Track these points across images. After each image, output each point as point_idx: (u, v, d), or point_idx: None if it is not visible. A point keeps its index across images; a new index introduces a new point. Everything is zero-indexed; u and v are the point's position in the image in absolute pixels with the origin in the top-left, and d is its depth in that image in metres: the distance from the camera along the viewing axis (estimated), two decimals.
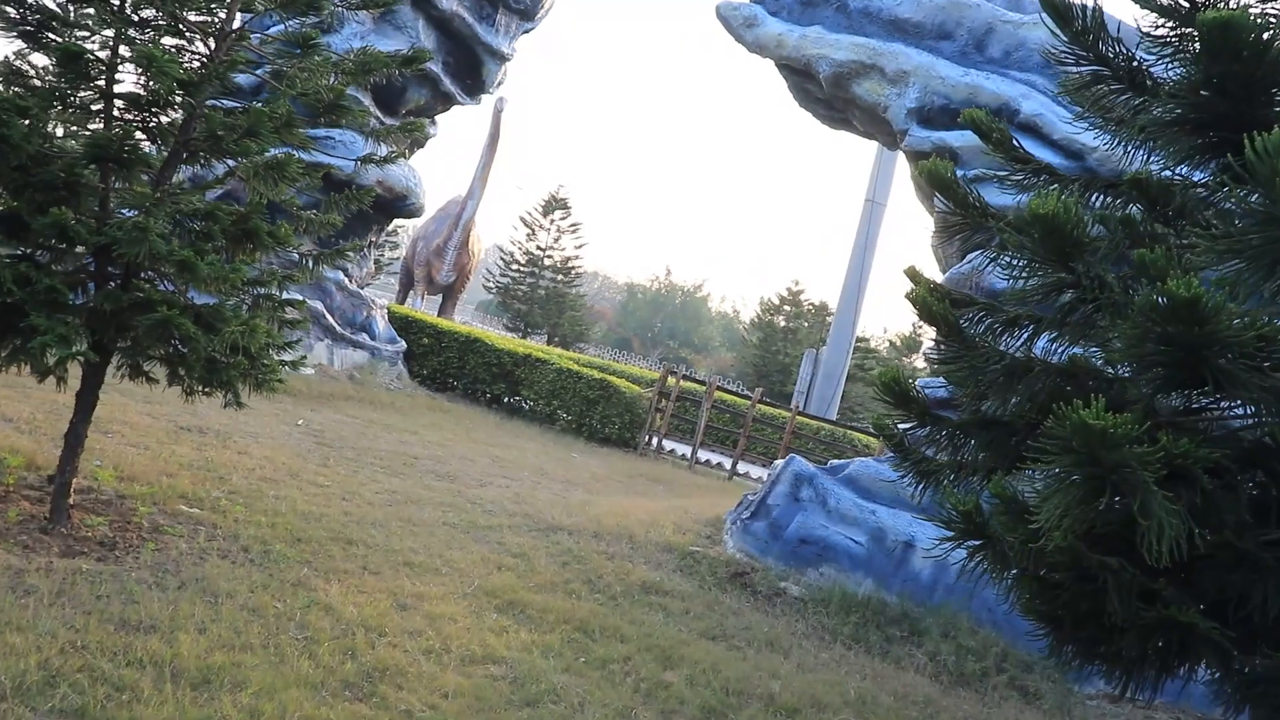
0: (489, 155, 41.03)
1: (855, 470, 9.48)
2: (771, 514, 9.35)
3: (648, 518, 10.02)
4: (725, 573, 8.58)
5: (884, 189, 25.27)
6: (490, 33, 15.92)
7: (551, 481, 11.95)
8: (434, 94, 16.31)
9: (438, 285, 45.77)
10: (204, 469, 8.02)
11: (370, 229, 17.07)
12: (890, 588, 8.69)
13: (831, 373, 24.77)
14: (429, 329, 19.34)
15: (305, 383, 14.26)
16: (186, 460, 8.14)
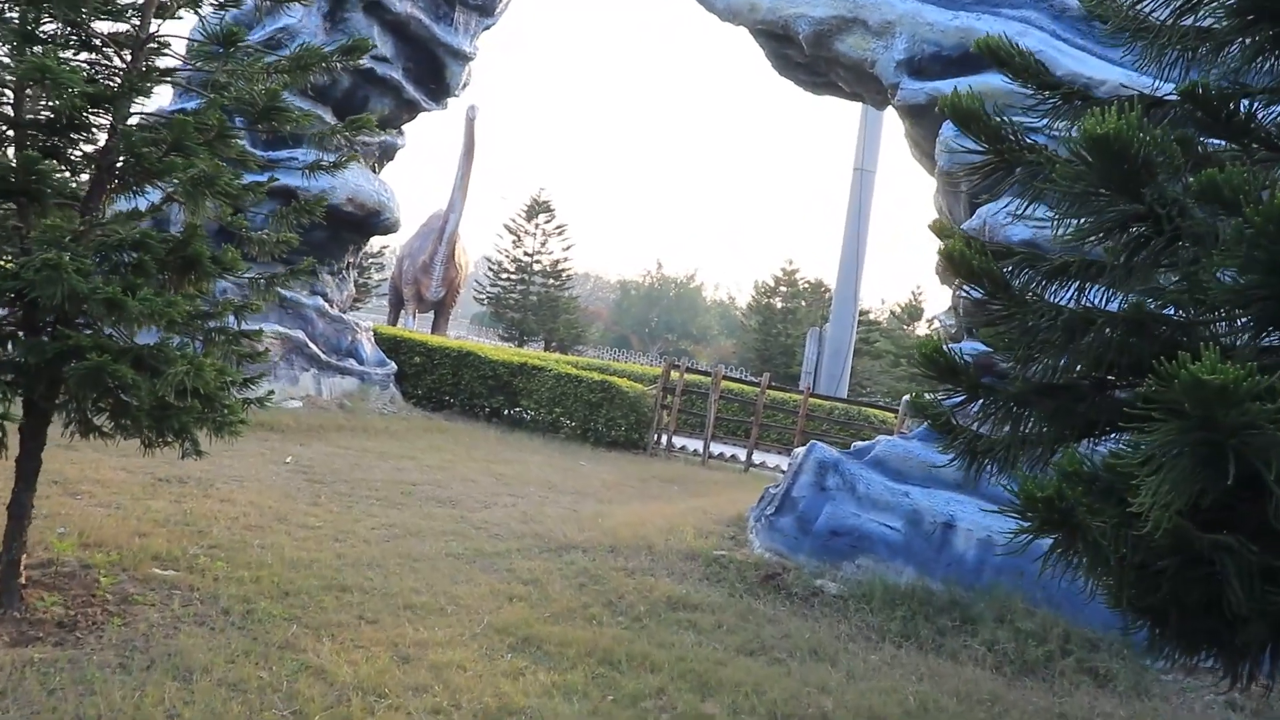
0: (466, 166, 40.46)
1: (882, 451, 8.89)
2: (798, 507, 8.76)
3: (666, 524, 9.43)
4: (755, 576, 7.99)
5: (872, 156, 24.65)
6: (449, 33, 15.31)
7: (560, 495, 11.35)
8: (397, 103, 15.70)
9: (428, 302, 45.19)
10: (182, 523, 7.42)
11: (346, 249, 16.46)
12: (933, 574, 8.10)
13: (838, 349, 24.17)
14: (419, 347, 18.75)
15: (293, 416, 13.68)
16: (163, 515, 7.55)
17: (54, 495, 7.60)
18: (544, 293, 60.05)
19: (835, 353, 24.16)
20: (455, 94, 16.25)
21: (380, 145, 16.16)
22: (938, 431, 4.82)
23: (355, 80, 14.69)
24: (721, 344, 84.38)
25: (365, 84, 14.89)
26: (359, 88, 14.88)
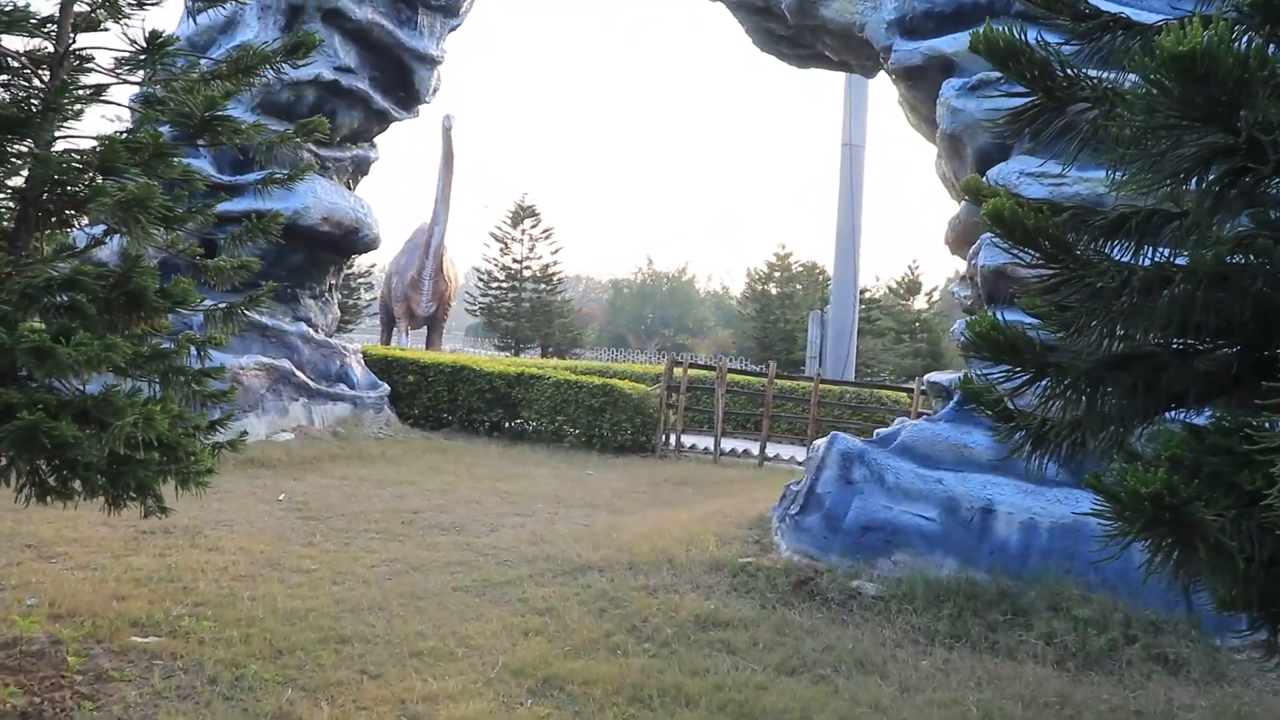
0: (446, 177, 39.97)
1: (910, 437, 8.36)
2: (824, 504, 8.24)
3: (684, 532, 8.91)
4: (787, 583, 7.46)
5: (860, 129, 24.12)
6: (414, 37, 14.77)
7: (569, 509, 10.83)
8: (367, 114, 15.16)
9: (420, 318, 44.71)
10: (165, 580, 6.89)
11: (326, 271, 15.92)
12: (977, 564, 7.58)
13: (841, 331, 23.65)
14: (412, 365, 18.22)
15: (285, 449, 13.15)
16: (145, 573, 7.01)
17: (26, 561, 7.09)
18: (536, 299, 59.56)
19: (839, 334, 23.64)
20: (426, 100, 15.71)
21: (353, 160, 15.61)
22: (995, 418, 4.26)
23: (320, 94, 14.15)
24: (719, 335, 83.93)
25: (331, 97, 14.35)
26: (325, 102, 14.33)
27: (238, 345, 14.04)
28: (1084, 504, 7.85)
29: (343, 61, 14.13)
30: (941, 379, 9.00)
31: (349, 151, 15.48)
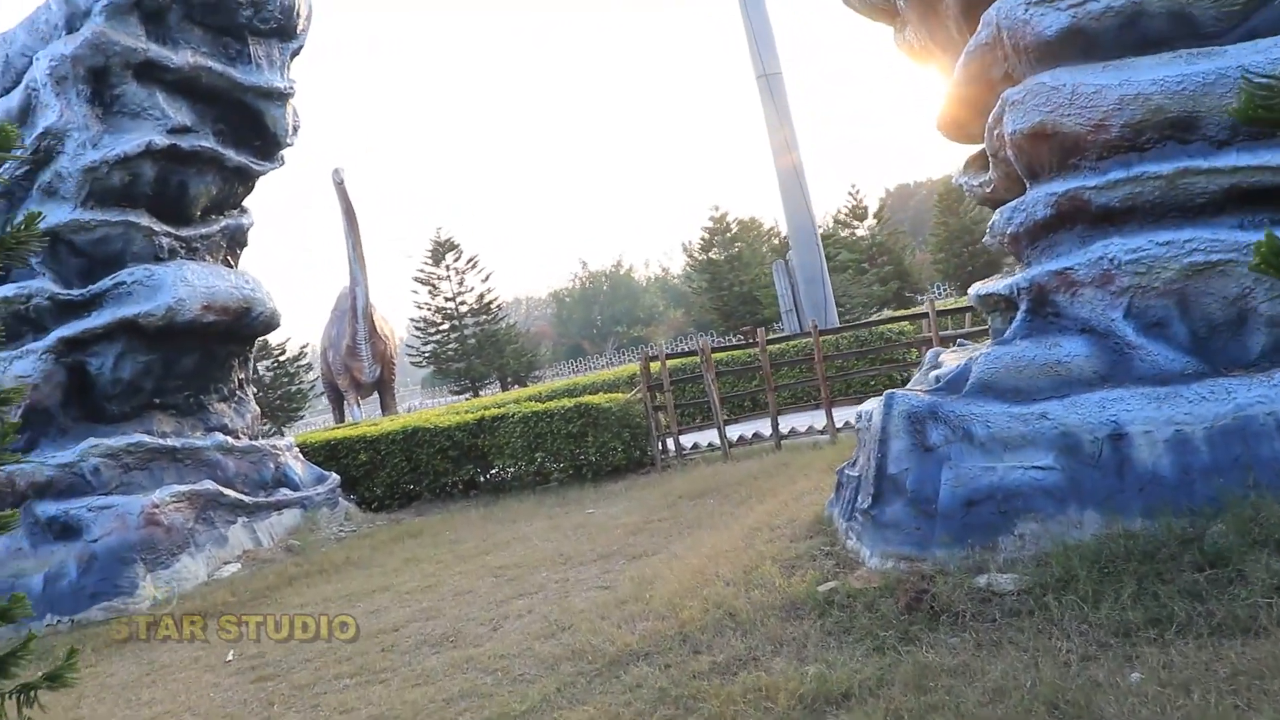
0: (353, 234, 38.01)
1: (985, 370, 6.55)
2: (903, 486, 6.42)
3: (733, 567, 7.07)
4: (895, 606, 5.63)
5: (771, 57, 22.34)
6: (252, 72, 12.75)
7: (581, 569, 8.94)
8: (223, 175, 13.12)
9: (367, 385, 42.72)
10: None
11: (230, 367, 13.88)
12: (1127, 510, 5.80)
13: (812, 275, 21.92)
14: (360, 443, 16.24)
15: (230, 586, 11.15)
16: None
17: None
18: (480, 332, 57.57)
19: (810, 280, 21.91)
20: (287, 143, 13.70)
21: (223, 233, 13.58)
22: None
23: (160, 165, 12.11)
24: (672, 318, 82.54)
25: (175, 165, 12.31)
26: (169, 174, 12.30)
27: (146, 480, 12.07)
28: (1241, 394, 6.13)
29: (176, 121, 12.09)
30: (997, 288, 7.21)
31: (215, 224, 13.45)
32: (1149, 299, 6.25)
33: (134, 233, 12.08)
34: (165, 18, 11.80)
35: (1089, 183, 6.42)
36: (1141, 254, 6.20)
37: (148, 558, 11.25)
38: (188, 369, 12.92)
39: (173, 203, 12.63)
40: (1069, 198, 6.52)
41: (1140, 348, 6.22)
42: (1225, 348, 6.14)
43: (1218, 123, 5.99)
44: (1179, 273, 6.12)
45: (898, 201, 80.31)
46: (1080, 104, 6.31)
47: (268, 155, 13.70)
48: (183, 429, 13.10)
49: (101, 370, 12.07)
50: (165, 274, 12.03)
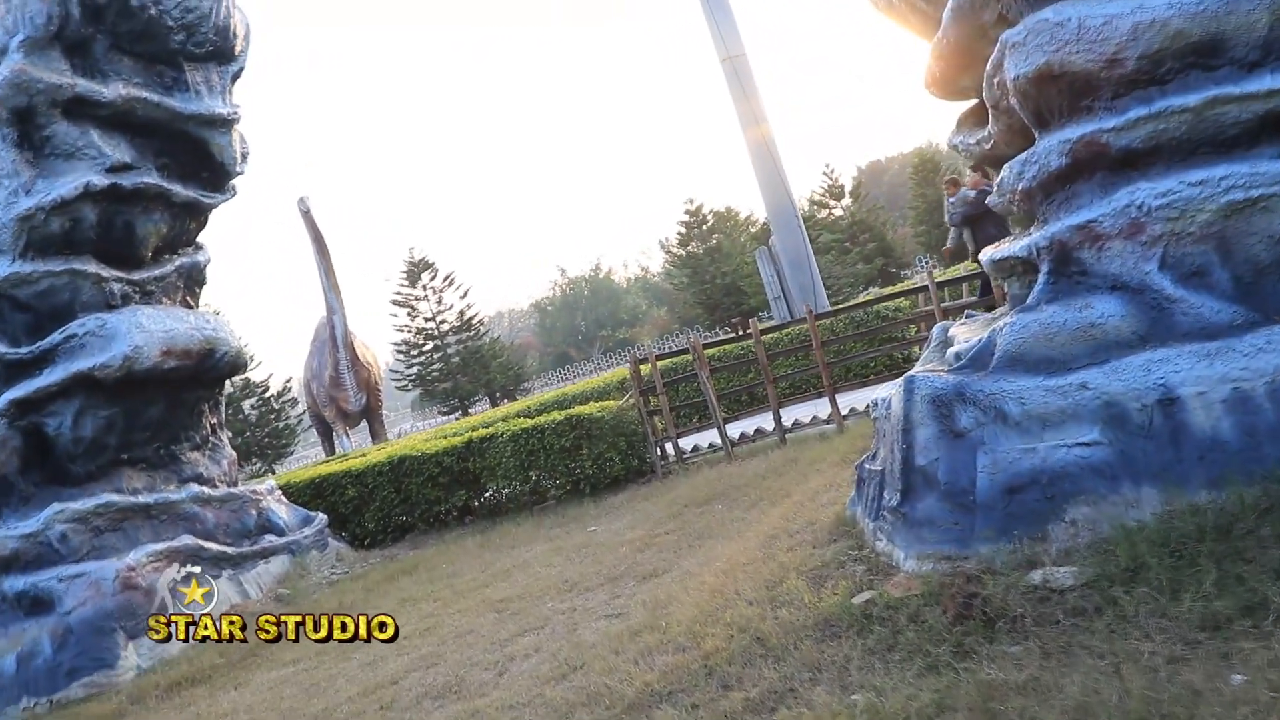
0: (324, 261, 37.36)
1: (1013, 341, 5.96)
2: (935, 478, 5.83)
3: (754, 585, 6.47)
4: (943, 616, 5.03)
5: (734, 39, 21.76)
6: (191, 100, 12.08)
7: (589, 595, 8.33)
8: (172, 212, 12.45)
9: (355, 415, 42.08)
10: None
11: (200, 413, 13.21)
12: (1188, 483, 5.22)
13: (797, 258, 21.32)
14: (346, 477, 15.59)
15: (217, 649, 10.45)
16: None
17: None
18: (463, 350, 56.92)
19: (795, 264, 21.32)
20: (237, 171, 13.03)
21: (179, 272, 12.90)
22: None
23: (103, 207, 11.43)
24: (656, 316, 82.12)
25: (119, 206, 11.63)
26: (113, 215, 11.62)
27: (120, 541, 11.39)
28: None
29: (114, 158, 11.42)
30: (1013, 250, 6.61)
31: (169, 264, 12.77)
32: (1185, 246, 5.67)
33: (81, 281, 11.40)
34: (91, 49, 11.12)
35: (1106, 124, 5.83)
36: (1172, 197, 5.62)
37: (127, 625, 10.57)
38: (154, 419, 12.25)
39: (120, 245, 11.95)
40: (1085, 143, 5.93)
41: (1181, 301, 5.64)
42: (1276, 291, 5.56)
43: (1247, 43, 5.42)
44: (1216, 214, 5.54)
45: (871, 178, 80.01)
46: (1089, 38, 5.73)
47: (218, 186, 13.03)
48: (155, 483, 12.42)
49: (60, 430, 11.39)
50: (119, 322, 11.35)
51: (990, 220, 13.77)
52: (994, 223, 13.76)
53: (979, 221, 13.99)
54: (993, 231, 13.58)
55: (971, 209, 14.00)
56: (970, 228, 14.15)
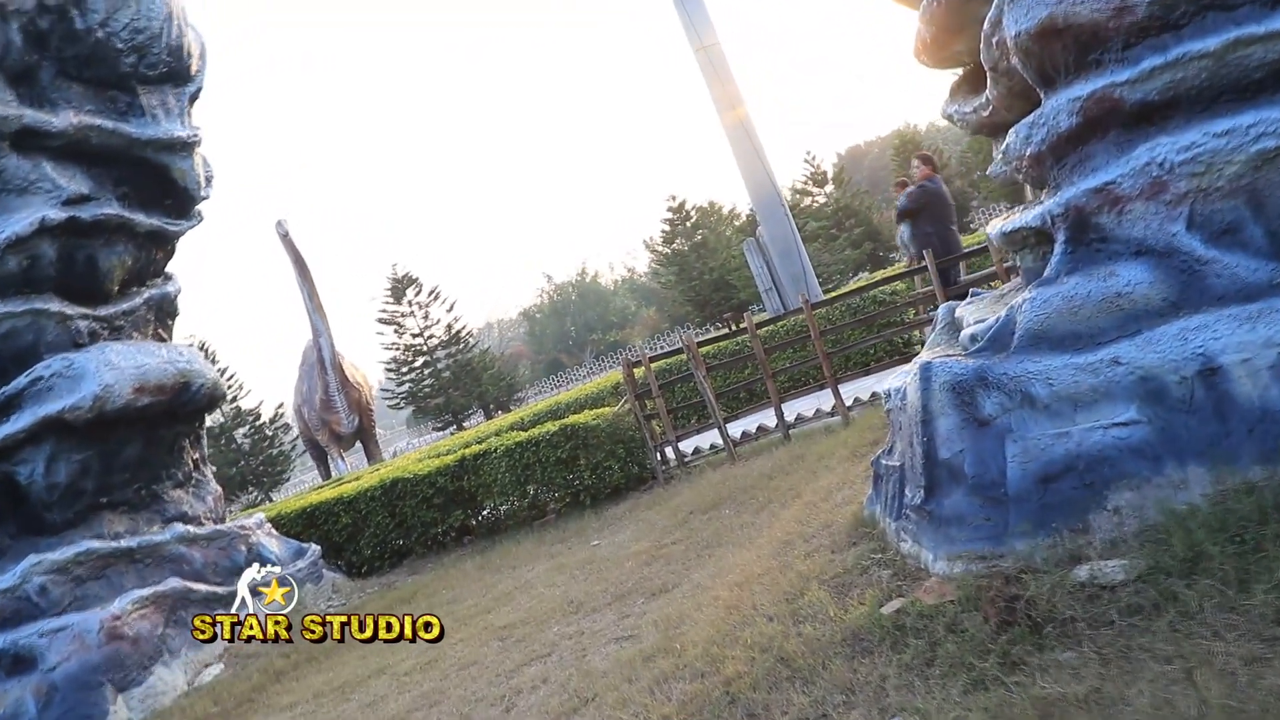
0: (306, 284, 36.99)
1: (1035, 318, 5.53)
2: (961, 472, 5.40)
3: (773, 598, 6.03)
4: (982, 624, 4.60)
5: (706, 28, 21.35)
6: (147, 124, 11.61)
7: (595, 616, 7.89)
8: (136, 243, 11.98)
9: (348, 437, 41.67)
10: None
11: (180, 449, 12.73)
12: (1239, 457, 4.81)
13: (786, 247, 20.90)
14: (338, 504, 15.12)
15: (212, 694, 10.06)
16: None
17: None
18: (453, 364, 56.43)
19: (785, 253, 20.90)
20: (202, 196, 12.56)
21: (148, 304, 12.42)
22: None
23: (62, 241, 10.96)
24: (646, 316, 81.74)
25: (79, 240, 11.16)
26: (73, 250, 11.15)
27: (103, 589, 10.94)
28: None
29: (70, 190, 10.95)
30: (1025, 220, 6.17)
31: (138, 297, 12.30)
32: (1213, 202, 5.25)
33: (44, 321, 10.93)
34: (36, 77, 10.65)
35: (1119, 78, 5.41)
36: (1197, 150, 5.19)
37: (115, 677, 10.11)
38: (132, 460, 11.77)
39: (84, 281, 11.47)
40: (1097, 100, 5.51)
41: (1213, 262, 5.22)
42: None
43: None
44: (1246, 165, 5.12)
45: (851, 164, 79.74)
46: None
47: (183, 213, 12.56)
48: (138, 525, 11.94)
49: (33, 478, 10.91)
50: (86, 361, 10.88)
51: (925, 217, 13.72)
52: (929, 219, 13.71)
53: (916, 218, 13.75)
54: (928, 229, 13.54)
55: (909, 203, 13.76)
56: (909, 224, 13.89)
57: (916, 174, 14.40)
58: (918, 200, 13.75)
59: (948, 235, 13.63)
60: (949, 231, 13.75)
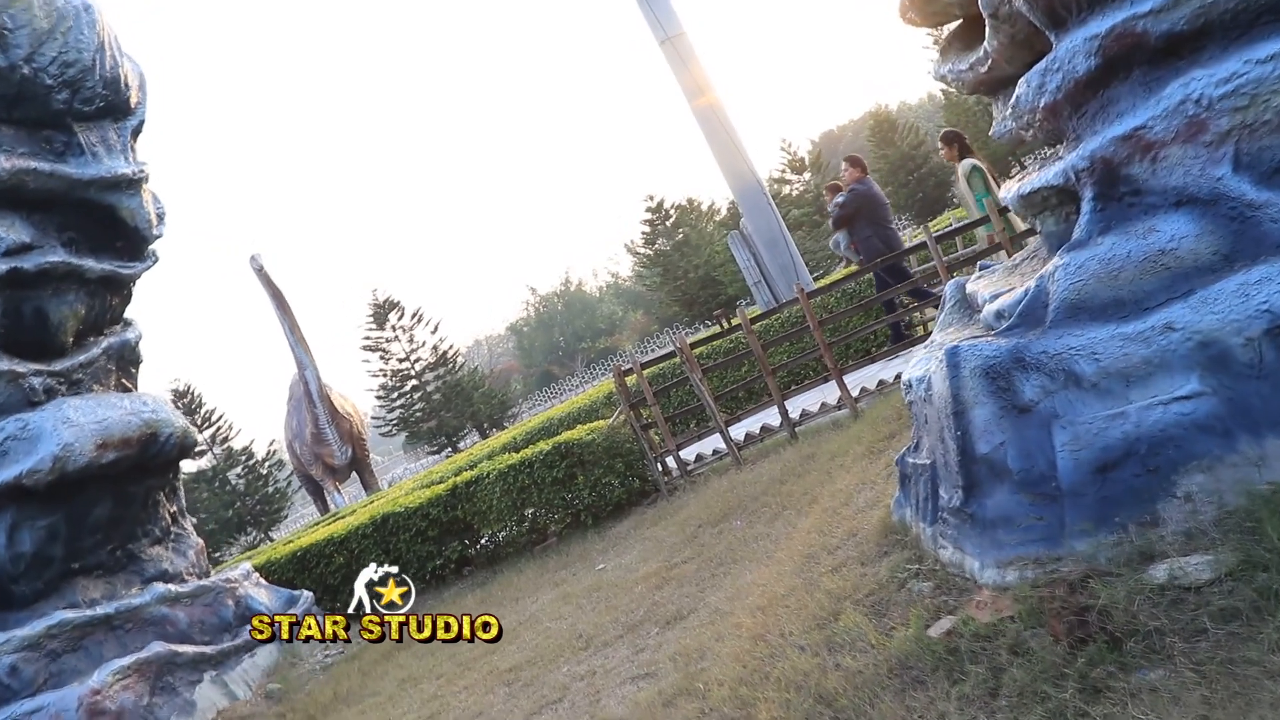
0: (286, 318, 36.43)
1: (1070, 287, 4.93)
2: (1003, 467, 4.80)
3: (802, 624, 5.41)
4: (1055, 647, 4.01)
5: (669, 18, 20.76)
6: (88, 163, 10.95)
7: (606, 652, 7.26)
8: (88, 291, 11.32)
9: (343, 469, 41.08)
10: None
11: (154, 503, 12.06)
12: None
13: (772, 239, 20.30)
14: (329, 544, 14.50)
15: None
16: None
17: None
18: (443, 385, 55.80)
19: (771, 243, 20.30)
20: (155, 234, 11.90)
21: (107, 354, 11.77)
22: None
23: (5, 297, 10.32)
24: (634, 320, 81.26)
25: (22, 293, 10.50)
26: (19, 303, 10.50)
27: (82, 662, 10.27)
28: None
29: (10, 240, 10.29)
30: (1045, 178, 5.57)
31: (95, 347, 11.64)
32: (1261, 138, 4.66)
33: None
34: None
35: (1140, 9, 4.82)
36: (1238, 82, 4.60)
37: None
38: (102, 520, 11.11)
39: (34, 334, 10.81)
40: (1117, 36, 4.92)
41: (1266, 205, 4.63)
42: None
43: None
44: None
45: (826, 149, 79.29)
46: None
47: (136, 254, 11.90)
48: (115, 589, 11.28)
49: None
50: (42, 420, 10.23)
51: (863, 219, 13.55)
52: (867, 220, 13.58)
53: (852, 223, 13.70)
54: (868, 232, 13.74)
55: (845, 210, 13.69)
56: (846, 230, 13.87)
57: (845, 177, 14.32)
58: (852, 205, 13.68)
59: (888, 235, 13.75)
60: (889, 231, 13.88)
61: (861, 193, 13.71)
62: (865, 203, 13.64)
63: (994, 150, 53.71)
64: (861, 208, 13.60)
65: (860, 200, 13.62)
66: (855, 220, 13.64)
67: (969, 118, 49.96)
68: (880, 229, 13.71)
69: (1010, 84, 6.30)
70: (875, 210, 13.77)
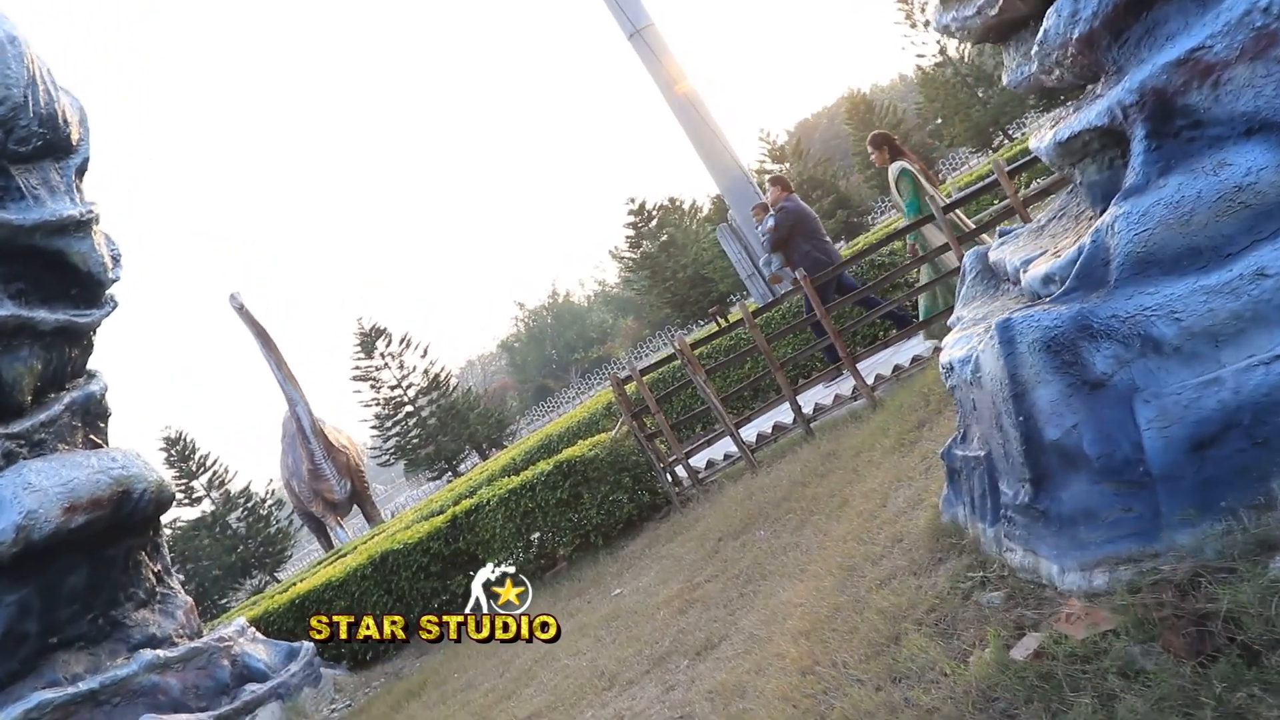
0: (273, 355, 35.88)
1: (1135, 239, 4.29)
2: (1078, 453, 4.15)
3: (855, 652, 4.74)
4: (1177, 667, 3.34)
5: (636, 11, 20.12)
6: (29, 207, 10.29)
7: (633, 691, 6.59)
8: (43, 344, 10.65)
9: (343, 503, 40.48)
10: None
11: (135, 564, 11.37)
12: None
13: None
14: (328, 589, 13.82)
15: None
16: None
17: None
18: (438, 409, 55.13)
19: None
20: (110, 278, 11.25)
21: (71, 409, 11.11)
22: None
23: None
24: (625, 326, 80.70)
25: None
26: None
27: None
28: None
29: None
30: (1086, 120, 4.91)
31: (57, 404, 10.99)
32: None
33: None
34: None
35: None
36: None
37: None
38: (79, 588, 10.44)
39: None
40: None
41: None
42: None
43: None
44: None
45: (804, 137, 78.88)
46: None
47: (93, 301, 11.24)
48: (99, 661, 10.61)
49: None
50: (2, 487, 9.56)
51: (799, 234, 13.64)
52: (803, 236, 13.62)
53: (789, 242, 13.77)
54: (806, 247, 13.43)
55: (777, 232, 13.81)
56: (783, 251, 13.93)
57: (770, 197, 14.50)
58: (786, 225, 13.80)
59: (825, 247, 13.83)
60: (824, 243, 13.93)
61: (791, 210, 13.92)
62: (797, 220, 13.83)
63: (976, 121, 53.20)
64: (795, 225, 13.80)
65: (792, 218, 13.83)
66: (791, 239, 13.79)
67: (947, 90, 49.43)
68: (817, 242, 13.82)
69: (1023, 26, 5.71)
70: (808, 225, 13.94)
